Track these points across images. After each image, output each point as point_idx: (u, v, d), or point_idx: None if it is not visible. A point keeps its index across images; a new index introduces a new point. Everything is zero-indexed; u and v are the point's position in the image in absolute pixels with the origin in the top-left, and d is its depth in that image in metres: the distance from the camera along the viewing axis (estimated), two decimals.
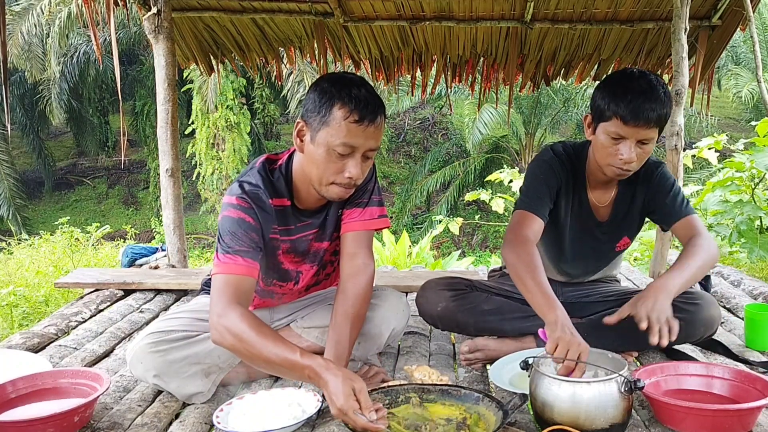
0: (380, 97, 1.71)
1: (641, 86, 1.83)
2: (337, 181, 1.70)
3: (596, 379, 1.55)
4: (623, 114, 1.82)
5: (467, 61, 3.85)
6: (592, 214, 2.13)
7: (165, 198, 3.49)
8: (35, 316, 3.75)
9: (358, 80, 1.69)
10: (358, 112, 1.62)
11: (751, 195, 4.09)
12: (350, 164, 1.68)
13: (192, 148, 12.94)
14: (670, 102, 1.88)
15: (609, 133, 1.87)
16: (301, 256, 1.94)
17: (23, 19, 11.78)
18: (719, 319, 2.07)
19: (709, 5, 3.30)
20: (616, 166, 1.90)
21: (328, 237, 1.96)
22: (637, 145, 1.87)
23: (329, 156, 1.67)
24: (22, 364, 1.97)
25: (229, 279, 1.66)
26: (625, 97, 1.82)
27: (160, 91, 3.39)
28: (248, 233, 1.71)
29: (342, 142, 1.64)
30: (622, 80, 1.88)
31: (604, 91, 1.89)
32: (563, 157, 2.08)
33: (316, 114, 1.66)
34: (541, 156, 2.11)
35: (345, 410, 1.45)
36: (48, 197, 17.05)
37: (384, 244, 5.70)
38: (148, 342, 1.81)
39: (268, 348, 1.56)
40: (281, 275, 1.96)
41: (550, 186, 2.04)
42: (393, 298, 2.08)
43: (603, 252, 2.22)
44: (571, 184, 2.09)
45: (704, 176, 8.25)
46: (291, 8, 3.57)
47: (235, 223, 1.71)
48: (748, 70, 13.18)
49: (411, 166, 16.71)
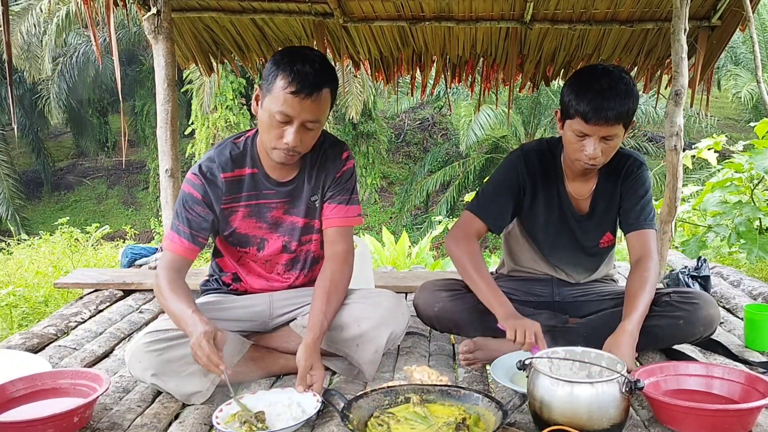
0: (329, 74, 1.83)
1: (601, 85, 1.87)
2: (278, 146, 1.84)
3: (598, 379, 1.54)
4: (584, 112, 1.87)
5: (467, 61, 3.85)
6: (571, 205, 2.17)
7: (165, 198, 3.49)
8: (35, 317, 3.75)
9: (307, 55, 1.81)
10: (295, 84, 1.75)
11: (751, 196, 4.10)
12: (288, 132, 1.81)
13: (192, 149, 12.93)
14: (633, 97, 1.91)
15: (573, 131, 1.93)
16: (264, 223, 2.04)
17: (23, 20, 11.78)
18: (718, 319, 2.07)
19: (709, 6, 3.29)
20: (583, 162, 1.96)
21: (301, 213, 2.05)
22: (601, 141, 1.92)
23: (271, 121, 1.81)
24: (21, 364, 1.97)
25: (167, 255, 1.95)
26: (586, 96, 1.87)
27: (159, 92, 3.38)
28: (193, 208, 1.93)
29: (279, 110, 1.78)
30: (584, 78, 1.93)
31: (569, 88, 1.94)
32: (533, 153, 2.15)
33: (266, 81, 1.82)
34: (510, 156, 2.19)
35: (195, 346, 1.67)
36: (47, 197, 17.04)
37: (384, 244, 5.69)
38: (146, 341, 1.81)
39: (172, 300, 1.81)
40: (239, 241, 2.05)
41: (511, 188, 2.13)
42: (392, 300, 2.08)
43: (587, 247, 2.24)
44: (546, 178, 2.13)
45: (704, 177, 8.26)
46: (291, 8, 3.57)
47: (182, 199, 1.96)
48: (748, 71, 13.19)
49: (410, 167, 16.72)
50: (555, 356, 1.71)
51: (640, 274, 2.00)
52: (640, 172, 2.11)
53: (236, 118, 12.66)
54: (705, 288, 2.82)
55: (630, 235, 2.11)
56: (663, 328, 2.02)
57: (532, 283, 2.31)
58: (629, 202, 2.11)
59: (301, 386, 1.77)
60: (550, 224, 2.19)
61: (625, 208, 2.12)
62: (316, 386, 1.78)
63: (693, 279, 2.84)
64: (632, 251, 2.09)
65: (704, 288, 2.82)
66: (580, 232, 2.19)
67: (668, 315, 2.02)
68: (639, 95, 1.98)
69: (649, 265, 2.01)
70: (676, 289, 2.16)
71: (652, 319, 2.00)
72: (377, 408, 1.66)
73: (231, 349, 1.91)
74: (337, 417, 1.61)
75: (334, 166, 2.06)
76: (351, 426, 1.54)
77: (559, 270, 2.28)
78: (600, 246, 2.23)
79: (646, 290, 1.96)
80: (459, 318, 2.16)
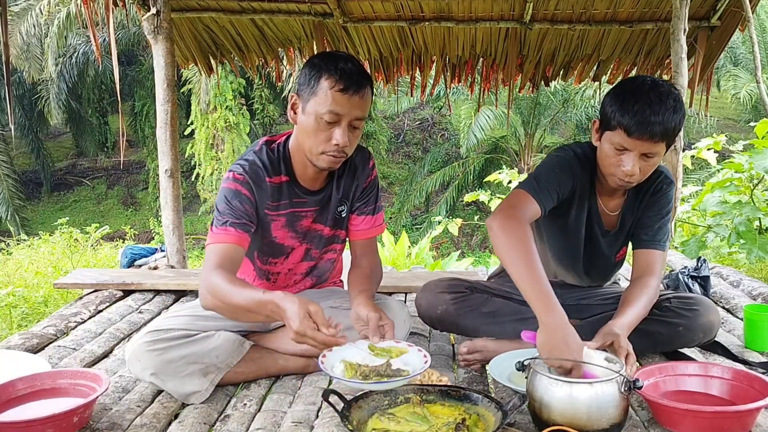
0: (367, 72, 1.84)
1: (650, 98, 1.74)
2: (327, 150, 1.81)
3: (597, 379, 1.54)
4: (628, 125, 1.75)
5: (466, 61, 3.85)
6: (600, 221, 2.07)
7: (164, 198, 3.49)
8: (34, 317, 3.74)
9: (345, 56, 1.83)
10: (343, 82, 1.75)
11: (750, 196, 4.10)
12: (337, 132, 1.79)
13: (191, 149, 12.94)
14: (681, 115, 1.79)
15: (613, 144, 1.81)
16: (294, 232, 2.01)
17: (22, 20, 11.78)
18: (718, 325, 2.05)
19: (708, 6, 3.30)
20: (618, 177, 1.85)
21: (328, 223, 2.04)
22: (641, 158, 1.80)
23: (318, 124, 1.79)
24: (21, 364, 1.97)
25: (217, 248, 1.79)
26: (632, 108, 1.74)
27: (159, 92, 3.39)
28: (243, 204, 1.84)
29: (328, 110, 1.76)
30: (631, 89, 1.80)
31: (613, 98, 1.82)
32: (583, 159, 1.98)
33: (306, 86, 1.80)
34: (561, 152, 2.01)
35: (302, 331, 1.52)
36: (47, 198, 17.03)
37: (383, 244, 5.70)
38: (147, 340, 1.81)
39: (237, 293, 1.65)
40: (274, 250, 2.02)
41: (563, 183, 1.94)
42: (395, 308, 2.09)
43: (605, 260, 2.17)
44: (585, 189, 2.01)
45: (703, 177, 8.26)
46: (290, 9, 3.57)
47: (232, 193, 1.84)
48: (747, 71, 13.20)
49: (410, 167, 16.72)
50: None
51: (641, 288, 1.92)
52: (669, 191, 2.02)
53: (236, 118, 12.67)
54: (704, 288, 2.82)
55: (640, 251, 2.02)
56: (662, 334, 2.00)
57: None
58: (649, 218, 2.02)
59: (376, 337, 1.78)
60: (575, 234, 2.08)
61: (642, 223, 2.03)
62: (388, 334, 1.80)
63: (693, 279, 2.84)
64: (637, 267, 2.00)
65: (704, 288, 2.82)
66: (602, 247, 2.12)
67: (668, 321, 1.99)
68: (687, 114, 1.86)
69: (653, 283, 1.94)
70: (676, 294, 2.11)
71: (651, 324, 1.98)
72: (377, 408, 1.65)
73: (231, 349, 1.92)
74: (337, 417, 1.61)
75: (363, 176, 2.07)
76: (351, 426, 1.53)
77: (569, 276, 2.24)
78: (615, 260, 2.19)
79: (642, 301, 1.89)
80: (463, 321, 2.13)
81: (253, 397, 1.89)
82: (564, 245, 2.13)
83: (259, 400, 1.88)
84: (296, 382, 2.00)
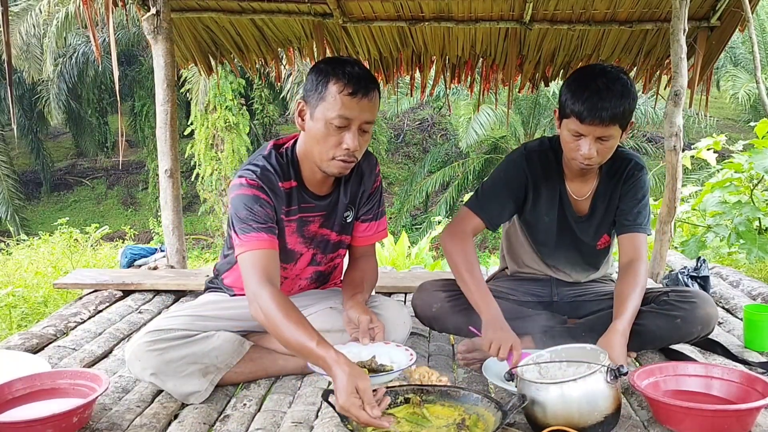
0: (374, 76, 1.85)
1: (597, 85, 1.86)
2: (337, 155, 1.80)
3: (580, 375, 1.55)
4: (579, 112, 1.87)
5: (466, 61, 3.85)
6: (571, 206, 2.16)
7: (164, 199, 3.49)
8: (34, 317, 3.74)
9: (351, 60, 1.83)
10: (351, 86, 1.74)
11: (750, 196, 4.10)
12: (347, 136, 1.78)
13: (191, 149, 12.92)
14: (630, 98, 1.89)
15: (570, 130, 1.93)
16: (302, 237, 2.00)
17: (22, 20, 11.77)
18: (716, 318, 2.07)
19: (708, 6, 3.30)
20: (579, 161, 1.96)
21: (335, 228, 2.04)
22: (596, 142, 1.91)
23: (327, 130, 1.78)
24: (20, 364, 1.97)
25: (255, 255, 1.77)
26: (582, 96, 1.86)
27: (159, 92, 3.38)
28: (264, 209, 1.82)
29: (338, 114, 1.75)
30: (581, 78, 1.92)
31: (566, 87, 1.94)
32: (535, 153, 2.13)
33: (314, 92, 1.78)
34: (511, 154, 2.18)
35: (347, 407, 1.51)
36: (47, 198, 17.03)
37: (383, 244, 5.69)
38: (147, 340, 1.81)
39: (290, 331, 1.66)
40: (286, 256, 2.00)
41: (512, 187, 2.12)
42: (394, 309, 2.10)
43: (585, 248, 2.24)
44: (547, 178, 2.13)
45: (703, 177, 8.25)
46: (290, 9, 3.57)
47: (251, 199, 1.81)
48: (746, 72, 13.19)
49: (410, 167, 16.72)
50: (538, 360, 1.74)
51: (632, 277, 2.00)
52: (641, 176, 2.11)
53: (236, 118, 12.65)
54: (704, 288, 2.82)
55: (623, 236, 2.11)
56: (661, 327, 2.02)
57: (531, 283, 2.31)
58: (627, 204, 2.11)
59: (366, 339, 1.84)
60: (550, 224, 2.18)
61: (621, 210, 2.12)
62: (378, 336, 1.85)
63: (692, 279, 2.84)
64: (623, 253, 2.09)
65: (703, 288, 2.82)
66: (579, 233, 2.19)
67: (666, 314, 2.02)
68: (637, 96, 1.97)
69: (641, 268, 2.02)
70: (674, 288, 2.16)
71: (649, 317, 2.01)
72: None
73: (230, 349, 1.92)
74: (337, 417, 1.61)
75: (370, 182, 2.08)
76: (350, 426, 1.54)
77: (558, 270, 2.28)
78: (597, 248, 2.23)
79: (636, 292, 1.96)
80: (456, 319, 2.15)
81: (253, 397, 1.89)
82: (540, 233, 2.22)
83: (259, 401, 1.88)
84: (296, 382, 2.01)
